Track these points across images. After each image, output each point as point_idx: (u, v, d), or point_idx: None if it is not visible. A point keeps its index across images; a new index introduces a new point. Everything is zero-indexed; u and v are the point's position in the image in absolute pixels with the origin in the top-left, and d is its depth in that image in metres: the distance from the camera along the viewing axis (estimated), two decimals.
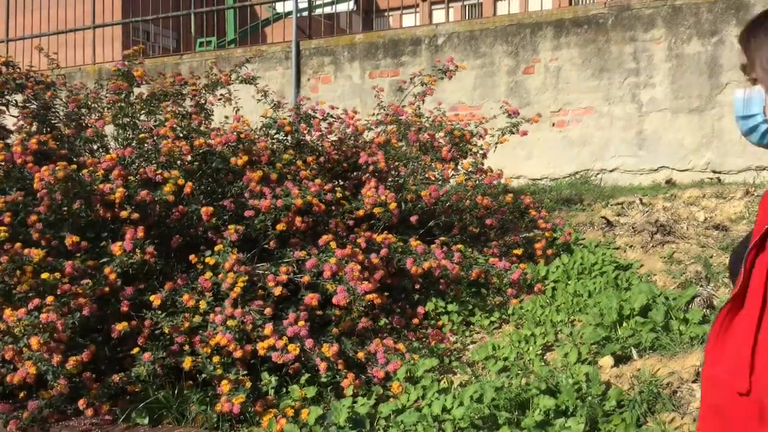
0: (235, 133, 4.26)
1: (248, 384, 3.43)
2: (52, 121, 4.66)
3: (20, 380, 3.25)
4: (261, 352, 3.49)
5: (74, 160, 4.18)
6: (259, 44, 9.71)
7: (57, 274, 3.49)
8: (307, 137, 4.86)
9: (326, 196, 4.12)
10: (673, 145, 6.44)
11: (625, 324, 3.69)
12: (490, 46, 7.18)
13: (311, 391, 3.43)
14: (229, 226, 3.89)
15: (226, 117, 4.89)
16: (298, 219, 4.02)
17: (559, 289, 4.35)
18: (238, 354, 3.45)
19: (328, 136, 4.99)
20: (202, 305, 3.60)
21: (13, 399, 3.54)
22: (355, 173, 4.81)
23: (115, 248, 3.61)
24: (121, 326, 3.49)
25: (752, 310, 1.16)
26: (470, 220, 4.84)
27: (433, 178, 4.83)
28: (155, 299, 3.59)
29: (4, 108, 4.71)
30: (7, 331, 3.33)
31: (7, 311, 3.34)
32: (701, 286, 4.13)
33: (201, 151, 4.23)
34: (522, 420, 2.91)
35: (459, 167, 5.07)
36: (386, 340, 3.80)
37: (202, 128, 4.44)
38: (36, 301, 3.38)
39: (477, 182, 4.85)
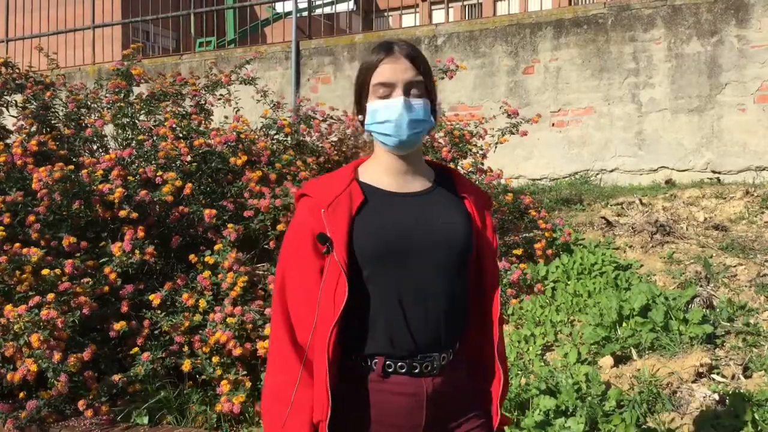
0: (234, 133, 4.26)
1: (248, 384, 3.42)
2: (52, 122, 4.66)
3: (20, 378, 3.24)
4: (261, 352, 3.49)
5: (74, 160, 4.18)
6: (258, 44, 9.71)
7: (57, 271, 3.49)
8: (307, 138, 4.85)
9: None
10: (672, 145, 6.44)
11: (625, 324, 3.69)
12: (489, 46, 7.18)
13: None
14: (228, 225, 3.88)
15: (226, 117, 4.89)
16: None
17: (559, 289, 4.35)
18: (237, 352, 3.44)
19: (329, 137, 4.98)
20: (202, 304, 3.60)
21: (12, 399, 3.53)
22: None
23: (115, 249, 3.61)
24: (119, 326, 3.49)
25: None
26: None
27: None
28: (155, 299, 3.59)
29: (3, 108, 4.71)
30: (7, 329, 3.32)
31: (8, 307, 3.34)
32: (701, 286, 4.13)
33: (201, 151, 4.23)
34: (522, 420, 2.91)
35: (459, 167, 5.06)
36: None
37: (201, 128, 4.44)
38: (36, 298, 3.39)
39: (477, 182, 4.85)
